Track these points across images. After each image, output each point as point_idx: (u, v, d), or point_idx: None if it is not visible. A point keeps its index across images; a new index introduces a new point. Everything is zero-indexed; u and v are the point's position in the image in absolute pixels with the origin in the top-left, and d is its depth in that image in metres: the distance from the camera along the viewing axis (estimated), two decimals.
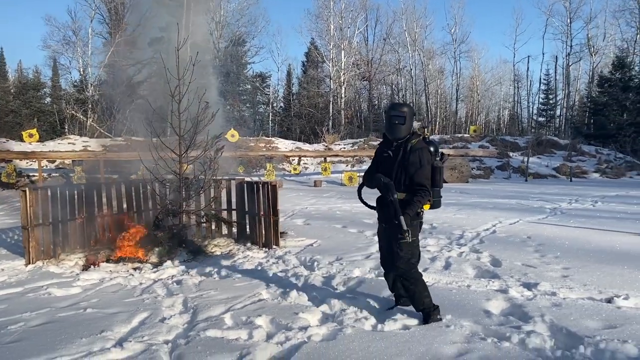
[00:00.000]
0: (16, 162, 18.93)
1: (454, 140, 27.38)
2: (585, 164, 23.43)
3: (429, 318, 3.70)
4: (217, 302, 4.45)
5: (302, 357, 3.19)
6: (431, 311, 3.74)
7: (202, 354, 3.28)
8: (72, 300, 4.65)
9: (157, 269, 5.84)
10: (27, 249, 6.25)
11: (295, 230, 8.17)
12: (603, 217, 9.03)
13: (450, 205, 11.24)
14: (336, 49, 38.43)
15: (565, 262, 5.53)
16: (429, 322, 3.68)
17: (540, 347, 3.26)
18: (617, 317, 3.73)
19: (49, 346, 3.47)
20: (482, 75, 50.81)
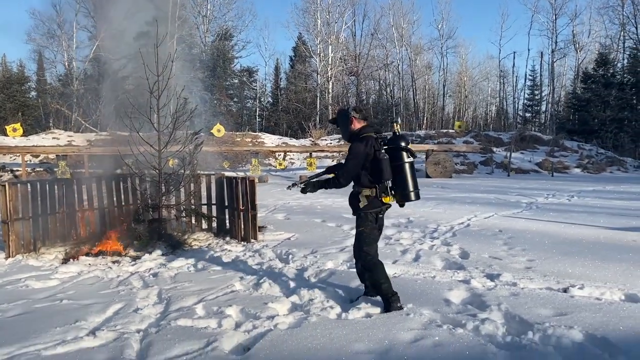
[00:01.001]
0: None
1: (439, 135, 27.66)
2: (567, 160, 23.81)
3: (389, 306, 3.89)
4: (191, 293, 4.60)
5: (266, 343, 3.35)
6: (389, 297, 3.91)
7: (171, 342, 3.42)
8: (49, 292, 4.77)
9: (136, 262, 5.97)
10: (6, 242, 6.34)
11: (275, 224, 8.32)
12: (576, 212, 9.28)
13: (430, 199, 11.46)
14: (323, 44, 38.54)
15: (530, 255, 5.74)
16: (390, 310, 3.86)
17: (493, 333, 3.44)
18: (569, 305, 3.93)
19: (23, 335, 3.59)
20: (469, 70, 51.27)
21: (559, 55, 41.86)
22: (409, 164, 3.98)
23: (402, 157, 3.96)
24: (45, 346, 3.41)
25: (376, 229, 4.14)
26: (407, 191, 3.98)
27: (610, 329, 3.41)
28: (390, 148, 4.00)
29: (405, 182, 3.97)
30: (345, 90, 44.51)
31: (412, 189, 3.98)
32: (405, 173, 3.97)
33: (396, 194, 4.00)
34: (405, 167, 3.97)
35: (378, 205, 4.03)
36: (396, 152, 3.97)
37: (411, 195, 3.99)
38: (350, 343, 3.30)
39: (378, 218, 4.12)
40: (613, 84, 30.30)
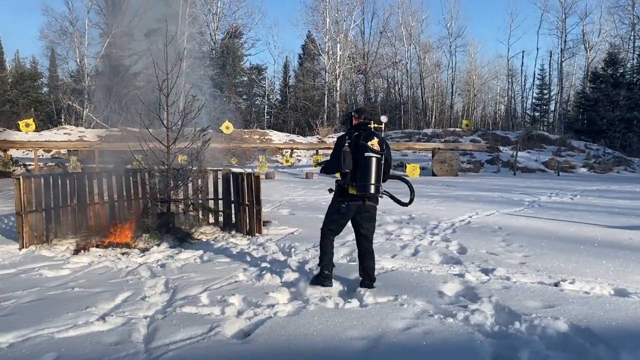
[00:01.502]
0: (13, 151, 19.23)
1: (446, 134, 27.73)
2: (574, 159, 23.81)
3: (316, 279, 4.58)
4: (196, 283, 4.80)
5: (266, 329, 3.54)
6: (321, 272, 4.54)
7: (176, 327, 3.63)
8: (62, 281, 5.00)
9: (144, 254, 6.19)
10: (20, 234, 6.58)
11: (279, 219, 8.51)
12: (577, 210, 9.39)
13: (434, 197, 11.61)
14: (332, 42, 38.66)
15: (527, 251, 5.90)
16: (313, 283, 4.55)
17: (481, 323, 3.61)
18: (558, 298, 4.09)
19: (37, 319, 3.82)
20: (478, 69, 51.13)
21: (568, 55, 41.73)
22: (370, 158, 4.24)
23: (363, 151, 4.24)
24: (58, 329, 3.63)
25: (337, 215, 4.50)
26: (364, 183, 4.22)
27: (594, 321, 3.57)
28: (357, 142, 4.29)
29: (364, 175, 4.23)
30: (353, 88, 44.64)
31: (370, 182, 4.21)
32: (364, 166, 4.24)
33: (356, 186, 4.27)
34: (363, 160, 4.24)
35: (343, 195, 4.38)
36: (359, 147, 4.27)
37: (368, 188, 4.22)
38: (344, 330, 3.49)
39: (340, 208, 4.44)
40: (622, 83, 30.19)
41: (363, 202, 4.41)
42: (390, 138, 28.07)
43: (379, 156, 4.28)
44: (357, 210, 4.46)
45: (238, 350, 3.23)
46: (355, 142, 4.31)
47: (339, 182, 4.43)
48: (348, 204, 4.41)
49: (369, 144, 4.25)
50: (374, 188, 4.23)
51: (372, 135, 4.32)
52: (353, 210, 4.45)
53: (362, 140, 4.27)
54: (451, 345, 3.25)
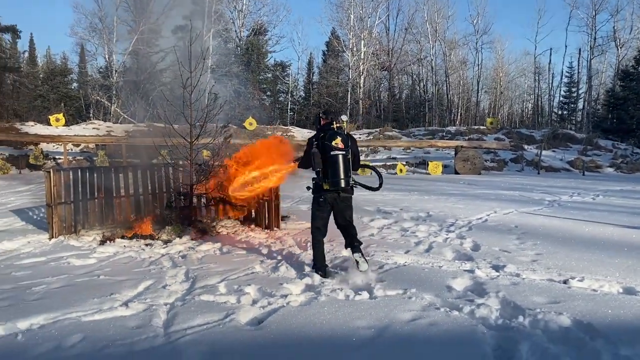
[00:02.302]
0: (43, 145, 19.87)
1: (470, 132, 27.54)
2: (601, 159, 23.41)
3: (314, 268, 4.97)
4: (215, 273, 5.02)
5: (278, 317, 3.73)
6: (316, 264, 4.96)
7: (194, 313, 3.84)
8: (88, 269, 5.27)
9: (167, 245, 6.44)
10: (50, 224, 6.91)
11: (297, 214, 8.70)
12: (598, 210, 9.33)
13: (454, 195, 11.66)
14: (356, 39, 38.64)
15: (540, 249, 5.95)
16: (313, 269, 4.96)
17: (486, 316, 3.73)
18: (564, 294, 4.18)
19: (66, 303, 4.08)
20: (505, 66, 50.46)
21: (597, 52, 40.85)
22: (336, 156, 4.70)
23: (329, 150, 4.71)
24: (85, 313, 3.88)
25: (319, 211, 4.98)
26: (335, 179, 4.72)
27: (597, 316, 3.66)
28: (323, 143, 4.75)
29: (333, 171, 4.72)
30: (377, 85, 44.55)
31: (340, 177, 4.70)
32: (332, 163, 4.71)
33: (329, 181, 4.76)
34: (331, 158, 4.71)
35: (319, 191, 4.88)
36: (326, 147, 4.74)
37: (339, 182, 4.72)
38: (353, 320, 3.65)
39: (319, 203, 4.93)
40: None
41: (338, 194, 4.89)
42: (413, 135, 28.03)
43: (344, 152, 4.75)
44: (334, 202, 4.94)
45: (251, 336, 3.43)
46: (321, 143, 4.79)
47: (314, 179, 4.91)
48: (325, 197, 4.88)
49: (333, 144, 4.71)
50: (344, 182, 4.73)
51: (335, 134, 4.76)
52: (330, 203, 4.93)
53: (327, 141, 4.74)
54: (454, 336, 3.38)
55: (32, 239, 6.75)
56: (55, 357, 3.15)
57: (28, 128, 21.75)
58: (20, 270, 5.21)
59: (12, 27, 24.23)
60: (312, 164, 4.80)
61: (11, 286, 4.62)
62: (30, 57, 42.15)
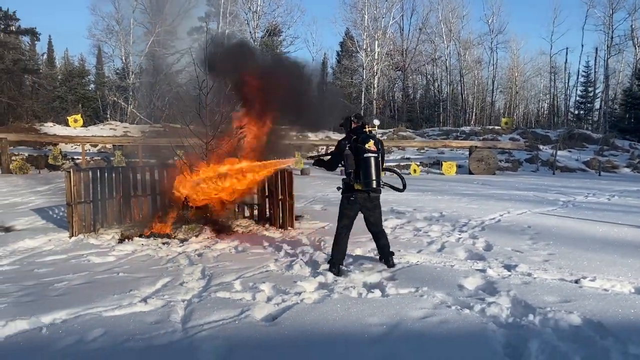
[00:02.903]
0: (62, 145, 20.22)
1: (484, 132, 27.43)
2: (617, 159, 23.18)
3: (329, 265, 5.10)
4: (230, 271, 5.13)
5: (292, 314, 3.82)
6: (331, 259, 5.11)
7: (210, 309, 3.95)
8: (108, 266, 5.42)
9: (183, 244, 6.58)
10: (70, 223, 7.09)
11: (311, 214, 8.79)
12: (613, 211, 9.28)
13: (467, 195, 11.66)
14: (370, 39, 38.65)
15: (552, 249, 5.97)
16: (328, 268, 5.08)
17: (497, 315, 3.78)
18: (575, 294, 4.21)
19: (87, 299, 4.21)
20: (520, 66, 50.03)
21: (615, 51, 40.34)
22: (369, 158, 4.91)
23: (362, 152, 4.91)
24: (105, 309, 4.01)
25: (347, 210, 5.17)
26: (367, 179, 4.91)
27: (607, 316, 3.69)
28: (357, 146, 4.96)
29: (365, 172, 4.91)
30: (391, 85, 44.49)
31: (372, 178, 4.90)
32: (365, 165, 4.91)
33: (360, 182, 4.93)
34: (364, 160, 4.91)
35: (350, 191, 5.06)
36: (359, 149, 4.94)
37: (371, 183, 4.91)
38: (365, 317, 3.73)
39: (349, 202, 5.13)
40: None
41: (368, 194, 5.06)
42: (427, 135, 27.99)
43: (376, 155, 4.98)
44: (364, 202, 5.11)
45: (266, 332, 3.53)
46: (354, 145, 4.99)
47: (345, 180, 5.10)
48: (355, 197, 5.08)
49: (366, 146, 4.92)
50: (376, 183, 4.94)
51: (368, 137, 4.98)
52: (360, 202, 5.11)
53: (360, 144, 4.95)
54: (465, 333, 3.44)
55: (53, 237, 6.94)
56: (78, 350, 3.27)
57: (47, 129, 22.16)
58: (42, 267, 5.38)
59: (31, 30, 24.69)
60: (345, 165, 5.01)
61: (34, 282, 4.78)
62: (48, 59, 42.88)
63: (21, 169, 17.43)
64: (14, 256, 5.89)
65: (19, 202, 10.44)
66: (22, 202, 10.31)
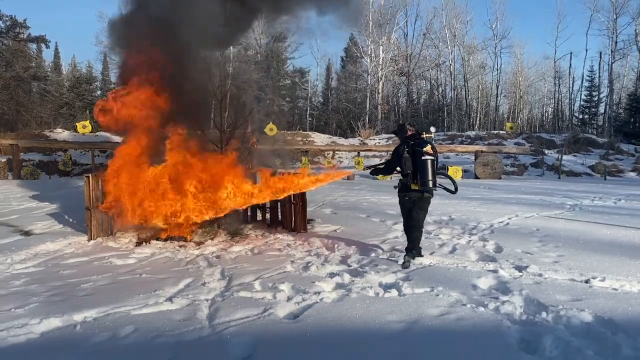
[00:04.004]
0: (71, 151, 20.46)
1: (489, 136, 27.56)
2: (623, 163, 23.27)
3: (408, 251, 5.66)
4: (249, 272, 5.30)
5: (313, 312, 3.98)
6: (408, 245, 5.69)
7: (234, 308, 4.11)
8: (130, 268, 5.60)
9: (200, 247, 6.75)
10: (89, 227, 7.27)
11: (322, 218, 8.95)
12: (619, 214, 9.40)
13: (475, 199, 11.78)
14: (375, 45, 38.89)
15: (561, 251, 6.11)
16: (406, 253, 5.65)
17: (511, 312, 3.93)
18: (586, 293, 4.36)
19: (114, 299, 4.38)
20: (524, 71, 50.16)
21: (619, 56, 40.44)
22: (426, 160, 5.47)
23: (420, 155, 5.49)
24: (133, 307, 4.18)
25: (404, 206, 5.78)
26: (424, 180, 5.48)
27: (618, 313, 3.84)
28: (414, 149, 5.53)
29: (422, 173, 5.47)
30: (396, 90, 44.69)
31: (428, 178, 5.45)
32: (422, 167, 5.47)
33: (418, 182, 5.51)
34: (422, 163, 5.48)
35: (406, 190, 5.66)
36: (417, 153, 5.51)
37: (428, 183, 5.47)
38: (384, 315, 3.88)
39: (405, 200, 5.72)
40: None
41: (422, 194, 5.62)
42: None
43: (433, 158, 5.55)
44: (417, 200, 5.68)
45: (289, 328, 3.68)
46: (412, 149, 5.55)
47: (402, 180, 5.69)
48: (409, 196, 5.67)
49: (424, 150, 5.49)
50: (432, 183, 5.50)
51: (425, 142, 5.58)
52: (413, 201, 5.68)
53: (418, 147, 5.52)
54: (481, 329, 3.60)
55: (72, 241, 7.11)
56: (112, 345, 3.44)
57: (56, 135, 22.40)
58: (66, 269, 5.56)
59: (41, 38, 24.99)
60: (403, 167, 5.56)
61: (61, 283, 4.96)
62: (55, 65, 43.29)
63: (32, 174, 17.64)
64: (38, 259, 6.06)
65: (34, 206, 10.63)
66: (37, 207, 10.49)
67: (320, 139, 27.67)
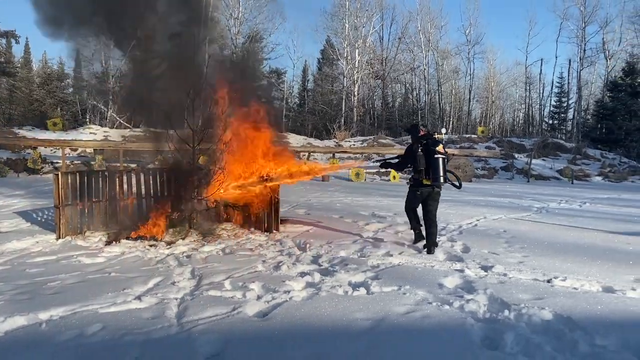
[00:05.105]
0: (41, 149, 20.04)
1: (461, 140, 28.00)
2: (589, 168, 23.93)
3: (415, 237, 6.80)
4: (220, 271, 5.30)
5: (282, 310, 4.02)
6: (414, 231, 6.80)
7: (203, 306, 4.12)
8: (99, 267, 5.54)
9: (170, 246, 6.71)
10: (57, 225, 7.16)
11: (295, 218, 8.99)
12: (584, 217, 9.70)
13: (445, 201, 11.94)
14: (351, 48, 39.13)
15: (526, 252, 6.29)
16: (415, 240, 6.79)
17: (475, 310, 4.04)
18: (547, 292, 4.50)
19: (82, 297, 4.34)
20: (496, 76, 51.11)
21: (587, 63, 41.58)
22: (439, 158, 6.16)
23: (433, 154, 6.16)
24: (101, 306, 4.15)
25: (415, 199, 6.53)
26: (436, 176, 6.17)
27: (576, 311, 3.98)
28: (428, 148, 6.20)
29: (435, 170, 6.17)
30: (371, 93, 45.02)
31: (440, 174, 6.15)
32: (435, 164, 6.16)
33: (430, 178, 6.20)
34: (434, 160, 6.16)
35: (418, 185, 6.36)
36: (430, 151, 6.17)
37: (439, 179, 6.16)
38: (352, 312, 3.95)
39: (416, 195, 6.44)
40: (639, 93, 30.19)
41: (432, 188, 6.29)
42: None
43: (444, 156, 6.24)
44: (428, 195, 6.36)
45: (258, 326, 3.72)
46: (425, 148, 6.21)
47: (414, 176, 6.37)
48: (422, 190, 6.36)
49: (437, 149, 6.14)
50: (443, 179, 6.19)
51: (437, 142, 6.23)
52: (425, 195, 6.38)
53: (432, 147, 6.17)
54: (446, 327, 3.69)
55: (40, 239, 7.00)
56: (79, 343, 3.42)
57: (26, 132, 21.92)
58: (33, 267, 5.47)
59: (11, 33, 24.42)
60: (416, 164, 6.21)
61: (27, 281, 4.88)
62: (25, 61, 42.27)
63: None
64: (3, 257, 5.95)
65: (1, 204, 10.40)
66: (4, 205, 10.27)
67: (295, 140, 27.72)
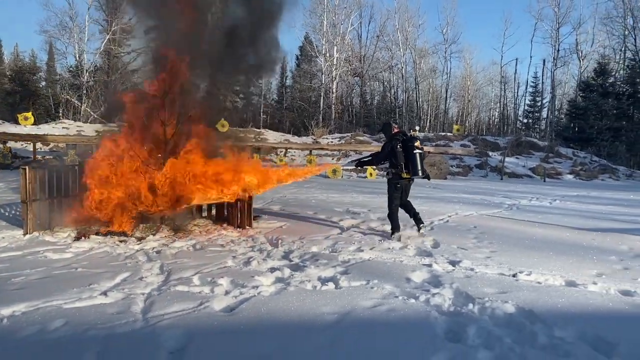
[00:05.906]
0: (11, 143, 19.61)
1: (437, 138, 28.28)
2: (561, 166, 24.41)
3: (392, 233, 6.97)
4: (189, 267, 5.27)
5: (249, 305, 4.02)
6: (393, 230, 6.97)
7: (170, 301, 4.10)
8: (66, 262, 5.45)
9: (141, 242, 6.64)
10: (25, 220, 7.02)
11: (270, 214, 8.99)
12: (552, 213, 9.91)
13: (419, 198, 12.07)
14: (329, 45, 39.16)
15: (495, 247, 6.40)
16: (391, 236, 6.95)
17: (440, 304, 4.10)
18: (512, 286, 4.59)
19: (46, 293, 4.28)
20: (473, 75, 51.78)
21: (560, 63, 42.40)
22: (416, 154, 6.69)
23: (412, 150, 6.69)
24: (65, 301, 4.10)
25: (397, 193, 6.98)
26: (415, 170, 6.71)
27: (538, 305, 4.07)
28: (407, 145, 6.72)
29: (414, 164, 6.70)
30: (349, 91, 45.15)
31: (419, 168, 6.69)
32: (413, 159, 6.68)
33: (409, 172, 6.74)
34: (413, 156, 6.68)
35: (398, 179, 6.87)
36: (408, 147, 6.70)
37: (418, 172, 6.71)
38: (319, 307, 3.97)
39: (397, 187, 6.93)
40: (611, 93, 30.88)
41: (409, 180, 6.98)
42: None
43: (421, 151, 6.79)
44: (405, 186, 7.04)
45: (224, 321, 3.71)
46: (404, 144, 6.74)
47: (394, 170, 6.86)
48: (401, 183, 6.92)
49: (415, 145, 6.69)
50: (421, 172, 6.74)
51: (414, 139, 6.79)
52: (404, 187, 7.01)
53: (410, 143, 6.73)
54: (410, 320, 3.74)
55: (6, 235, 6.85)
56: (40, 338, 3.37)
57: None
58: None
59: None
60: (396, 159, 6.75)
61: None
62: None
63: None
64: None
65: None
66: None
67: (273, 136, 27.65)
